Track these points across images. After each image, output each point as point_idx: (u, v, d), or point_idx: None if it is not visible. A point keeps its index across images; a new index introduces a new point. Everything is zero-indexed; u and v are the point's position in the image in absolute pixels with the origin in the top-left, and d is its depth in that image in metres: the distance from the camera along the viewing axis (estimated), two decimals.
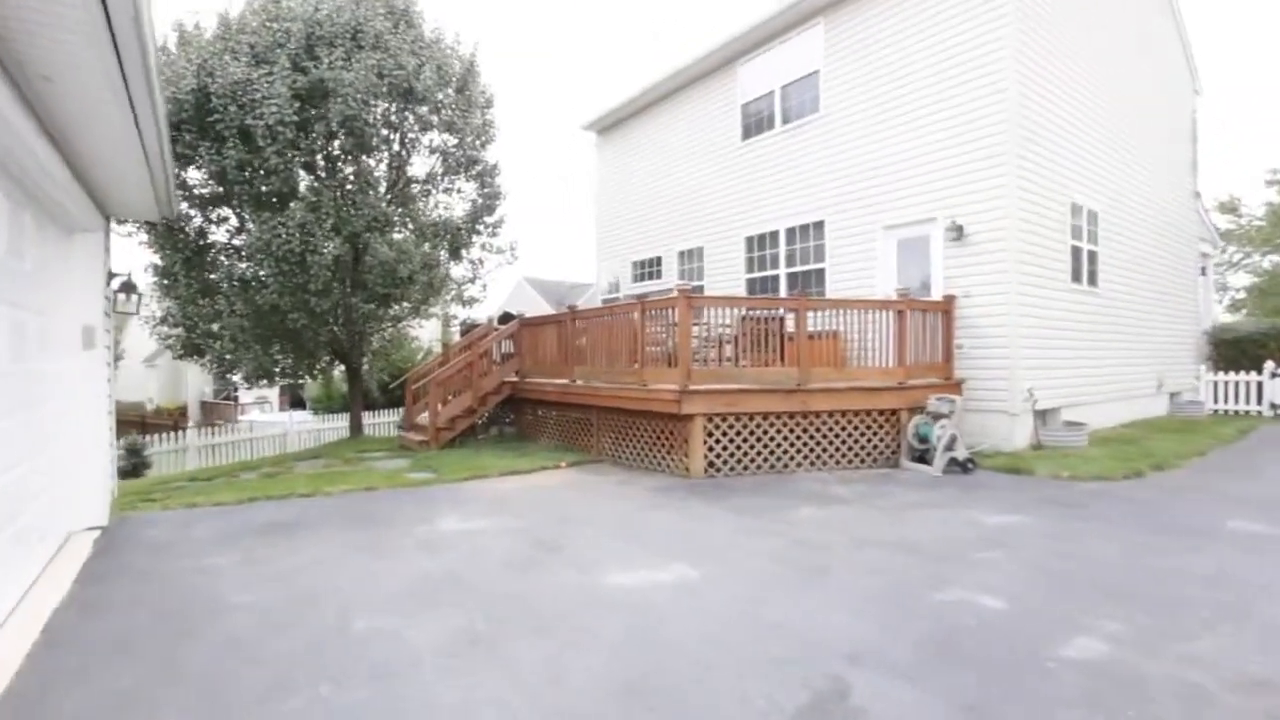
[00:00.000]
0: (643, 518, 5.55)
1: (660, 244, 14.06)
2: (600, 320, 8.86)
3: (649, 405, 7.59)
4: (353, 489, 6.73)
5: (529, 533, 5.05)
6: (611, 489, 6.81)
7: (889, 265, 9.67)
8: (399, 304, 10.93)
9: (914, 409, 7.98)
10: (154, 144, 4.36)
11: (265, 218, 8.99)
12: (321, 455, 10.26)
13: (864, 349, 7.87)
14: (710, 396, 7.19)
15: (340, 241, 9.36)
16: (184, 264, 9.62)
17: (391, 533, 5.07)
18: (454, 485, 7.09)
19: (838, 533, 4.95)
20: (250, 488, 6.99)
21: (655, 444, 7.80)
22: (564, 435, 9.66)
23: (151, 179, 5.02)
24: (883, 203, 9.64)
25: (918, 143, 9.12)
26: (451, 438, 10.03)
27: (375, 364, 12.29)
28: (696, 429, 7.18)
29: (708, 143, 12.76)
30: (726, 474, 7.29)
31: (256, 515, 5.67)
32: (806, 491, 6.47)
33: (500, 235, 12.05)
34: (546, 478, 7.50)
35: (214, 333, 10.27)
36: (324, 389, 19.08)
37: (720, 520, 5.42)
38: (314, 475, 7.85)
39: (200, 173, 9.94)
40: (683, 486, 6.81)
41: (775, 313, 8.08)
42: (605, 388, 8.36)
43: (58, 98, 3.51)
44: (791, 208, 11.04)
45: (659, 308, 7.80)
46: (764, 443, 7.46)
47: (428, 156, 11.16)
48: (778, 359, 7.67)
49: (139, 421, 27.49)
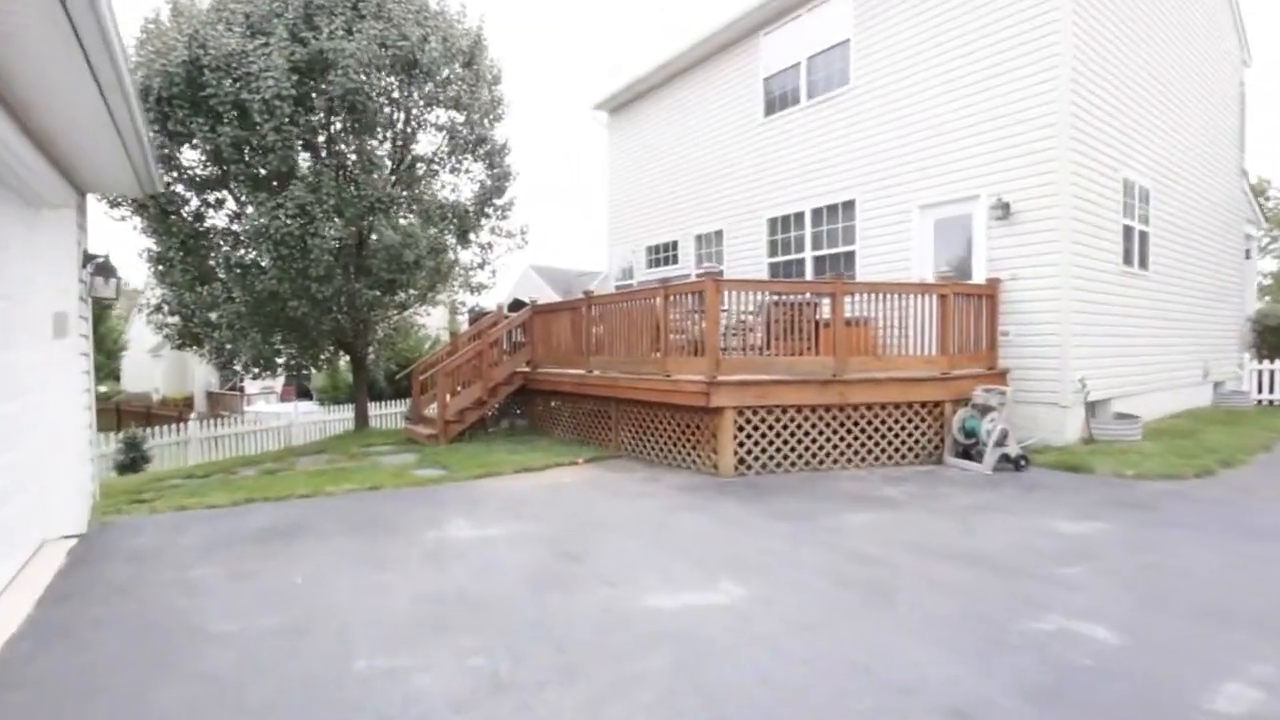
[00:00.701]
0: (673, 523, 5.04)
1: (676, 227, 13.47)
2: (618, 307, 8.32)
3: (673, 397, 7.07)
4: (357, 488, 6.26)
5: (550, 540, 4.55)
6: (635, 488, 6.30)
7: (925, 247, 9.06)
8: (405, 291, 10.42)
9: (958, 401, 7.42)
10: (121, 109, 3.84)
11: (263, 199, 8.47)
12: (325, 449, 9.81)
13: (904, 336, 7.29)
14: (741, 388, 6.66)
15: (342, 224, 8.84)
16: (179, 248, 9.13)
17: (398, 541, 4.58)
18: (465, 484, 6.60)
19: (895, 543, 4.43)
20: (247, 487, 6.53)
21: (680, 439, 7.28)
22: (579, 428, 9.16)
23: (125, 148, 4.50)
24: (919, 180, 9.02)
25: (960, 116, 8.47)
26: (461, 431, 9.55)
27: (381, 354, 11.81)
28: (726, 423, 6.65)
29: (727, 120, 12.12)
30: (758, 471, 6.77)
31: (252, 520, 5.19)
32: (849, 492, 5.94)
33: (510, 218, 11.51)
34: (563, 475, 7.00)
35: (212, 321, 9.81)
36: (329, 379, 18.66)
37: (760, 527, 4.90)
38: (316, 472, 7.38)
39: (195, 153, 9.43)
40: (712, 486, 6.29)
41: (807, 297, 7.50)
42: (624, 378, 7.84)
43: (6, 58, 3.01)
44: (818, 187, 10.43)
45: (683, 292, 7.25)
46: (798, 438, 6.92)
47: (434, 135, 10.61)
48: (809, 347, 7.12)
49: (144, 412, 27.28)
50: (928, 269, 8.99)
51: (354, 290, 9.33)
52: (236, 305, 9.36)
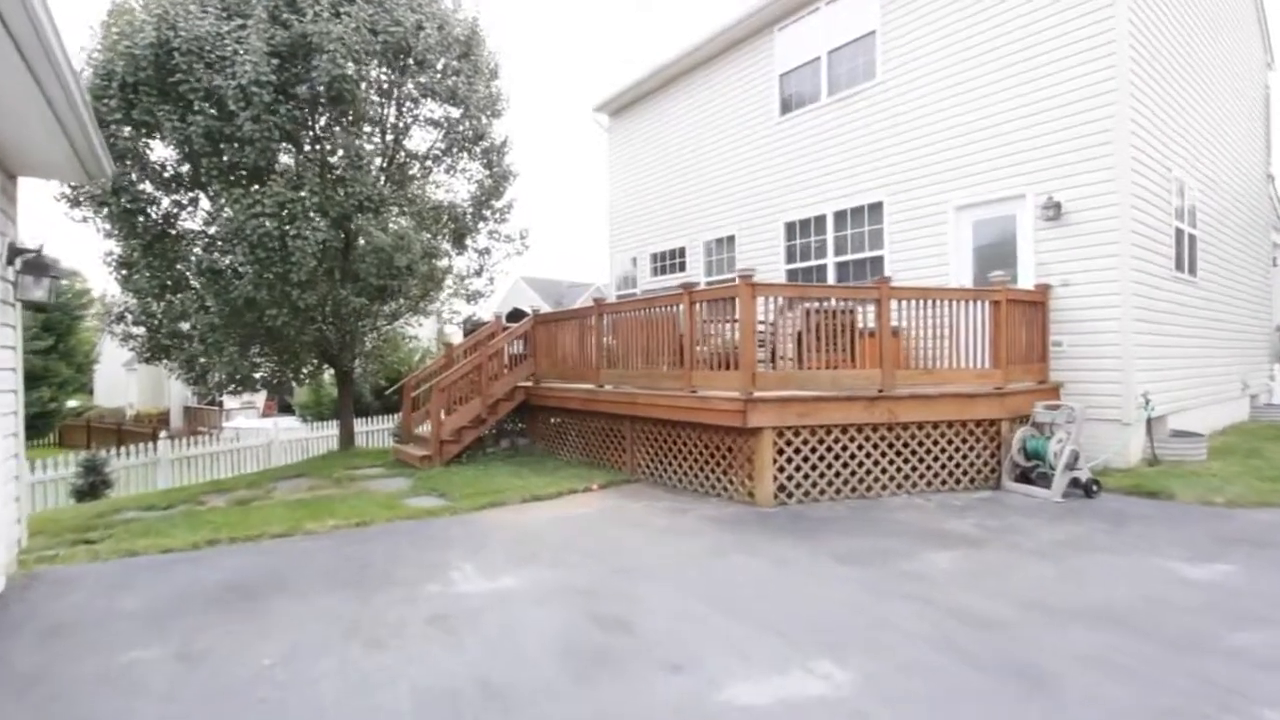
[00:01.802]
0: (724, 569, 4.24)
1: (683, 233, 12.75)
2: (634, 316, 7.54)
3: (700, 416, 6.29)
4: (342, 524, 5.39)
5: (581, 595, 3.73)
6: (662, 521, 5.49)
7: (963, 251, 8.39)
8: (396, 299, 9.57)
9: (1014, 419, 6.71)
10: (47, 73, 3.05)
11: (238, 196, 7.60)
12: (307, 472, 8.89)
13: (956, 348, 6.58)
14: (781, 406, 5.89)
15: (328, 225, 8.00)
16: (144, 251, 8.22)
17: (394, 598, 3.73)
18: (467, 517, 5.75)
19: (1001, 595, 3.65)
20: (214, 522, 5.63)
21: (707, 462, 6.49)
22: (588, 449, 8.34)
23: (61, 126, 3.69)
24: (955, 180, 8.37)
25: (1002, 109, 7.84)
26: (458, 452, 8.68)
27: (369, 367, 10.91)
28: (764, 445, 5.87)
29: (740, 119, 11.46)
30: (800, 500, 5.99)
31: (215, 569, 4.31)
32: (912, 526, 5.17)
33: (509, 221, 10.72)
34: (577, 504, 6.18)
35: (183, 332, 8.89)
36: (313, 394, 17.64)
37: (828, 573, 4.12)
38: (295, 503, 6.49)
39: (166, 147, 8.57)
40: (751, 518, 5.50)
41: (846, 304, 6.76)
42: (642, 394, 7.05)
43: None
44: (841, 188, 9.76)
45: (712, 299, 6.49)
46: (843, 461, 6.16)
47: (428, 131, 9.81)
48: (846, 359, 6.37)
49: (116, 429, 26.01)
50: (966, 274, 8.33)
51: (340, 298, 8.47)
52: (210, 315, 8.45)
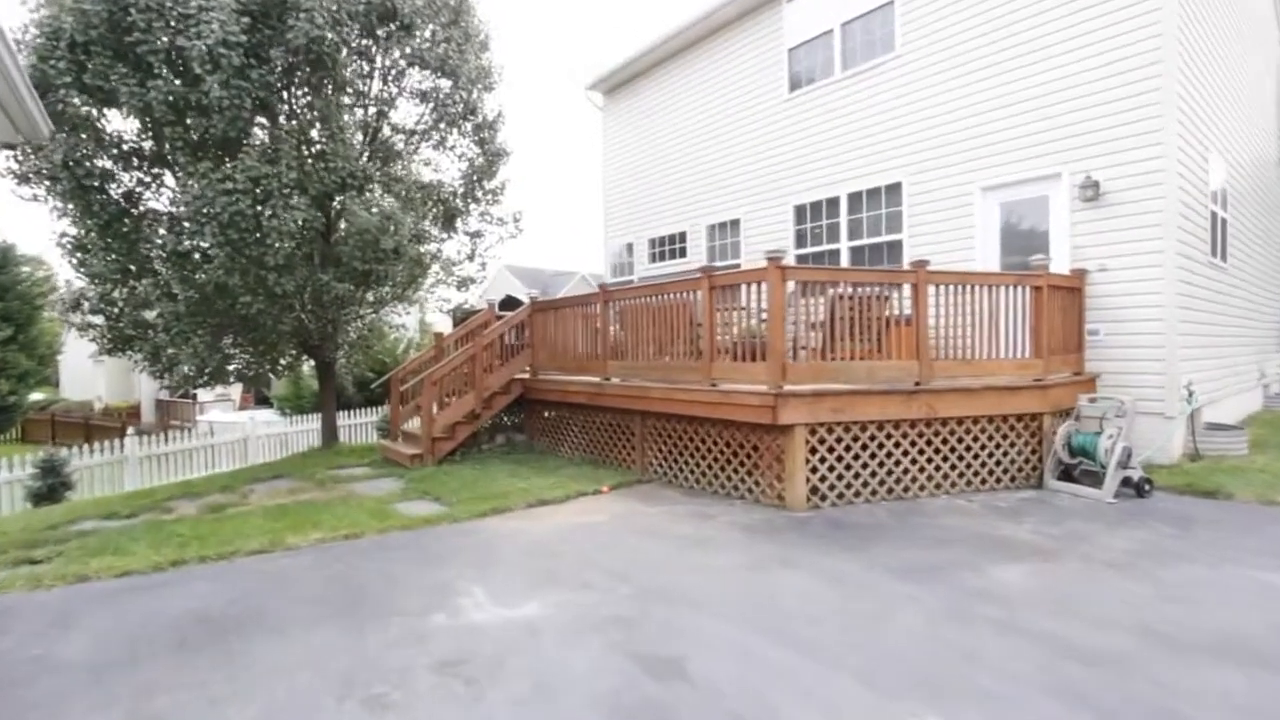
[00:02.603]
0: (772, 590, 3.72)
1: (684, 217, 12.17)
2: (644, 302, 6.97)
3: (722, 412, 5.76)
4: (328, 537, 4.78)
5: (616, 626, 3.18)
6: (688, 529, 4.96)
7: (990, 234, 7.92)
8: (381, 285, 8.88)
9: (1056, 413, 6.28)
10: None
11: (205, 170, 6.86)
12: (287, 472, 8.21)
13: (995, 337, 6.11)
14: (814, 401, 5.37)
15: (307, 204, 7.29)
16: (101, 232, 7.45)
17: (393, 636, 3.16)
18: (469, 526, 5.17)
19: (1099, 621, 3.17)
20: (182, 534, 4.99)
21: (729, 461, 5.97)
22: (593, 446, 7.78)
23: None
24: (982, 159, 7.88)
25: (1037, 82, 7.35)
26: (451, 449, 8.08)
27: (353, 358, 10.21)
28: (796, 443, 5.36)
29: (745, 97, 10.87)
30: (834, 503, 5.49)
31: (179, 598, 3.70)
32: (965, 532, 4.70)
33: (502, 203, 10.05)
34: (590, 509, 5.62)
35: (147, 322, 8.14)
36: (291, 386, 16.81)
37: (888, 591, 3.61)
38: (275, 509, 5.85)
39: (126, 118, 7.78)
40: (786, 524, 4.99)
41: (876, 290, 6.23)
42: (656, 388, 6.50)
43: None
44: (856, 169, 9.24)
45: (735, 284, 5.94)
46: (879, 460, 5.67)
47: (415, 104, 9.10)
48: (877, 349, 5.86)
49: (83, 424, 24.91)
50: (993, 259, 7.86)
51: (321, 283, 7.77)
52: (176, 302, 7.72)
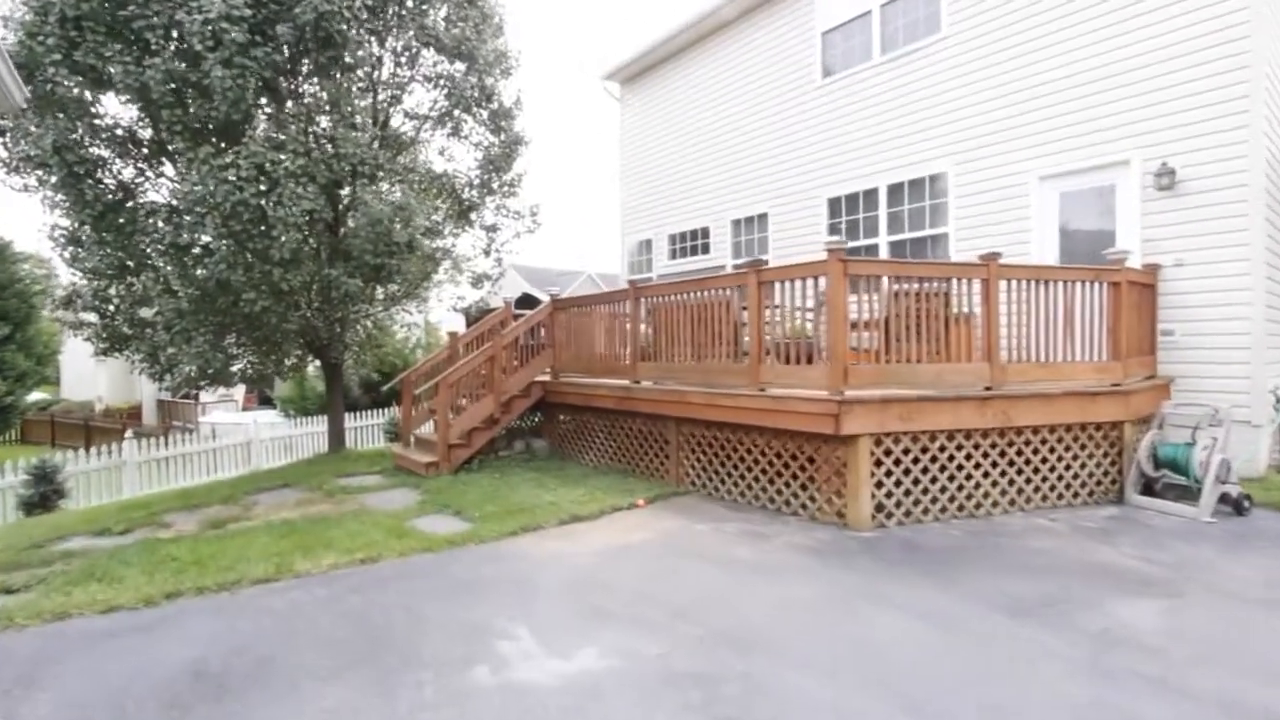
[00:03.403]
0: (862, 630, 3.18)
1: (707, 212, 11.63)
2: (681, 300, 6.43)
3: (773, 419, 5.22)
4: (342, 562, 4.25)
5: (694, 684, 2.65)
6: (745, 552, 4.42)
7: (1048, 227, 7.38)
8: (392, 281, 8.35)
9: (1136, 421, 5.73)
10: None
11: (206, 156, 6.34)
12: (293, 481, 7.70)
13: (1070, 337, 5.56)
14: (881, 408, 4.83)
15: (315, 192, 6.77)
16: (95, 223, 6.94)
17: (427, 694, 2.63)
18: (499, 547, 4.64)
19: (1274, 674, 2.64)
20: (179, 558, 4.46)
21: (779, 474, 5.42)
22: (620, 454, 7.25)
23: None
24: (1038, 145, 7.33)
25: (1102, 61, 6.81)
26: (468, 457, 7.55)
27: (362, 358, 9.68)
28: (861, 456, 4.82)
29: (773, 85, 10.33)
30: (901, 521, 4.95)
31: (172, 642, 3.17)
32: (1060, 558, 4.16)
33: (519, 195, 9.53)
34: (629, 526, 5.09)
35: (145, 320, 7.63)
36: (296, 389, 16.33)
37: (1001, 634, 3.07)
38: (281, 526, 5.33)
39: (123, 104, 7.29)
40: (854, 547, 4.45)
41: (936, 285, 5.66)
42: (695, 392, 5.96)
43: None
44: (896, 158, 8.70)
45: (788, 279, 5.40)
46: (949, 474, 5.13)
47: (429, 90, 8.57)
48: (937, 350, 5.28)
49: (82, 425, 24.47)
50: (1050, 254, 7.32)
51: (330, 279, 7.25)
52: (176, 299, 7.21)
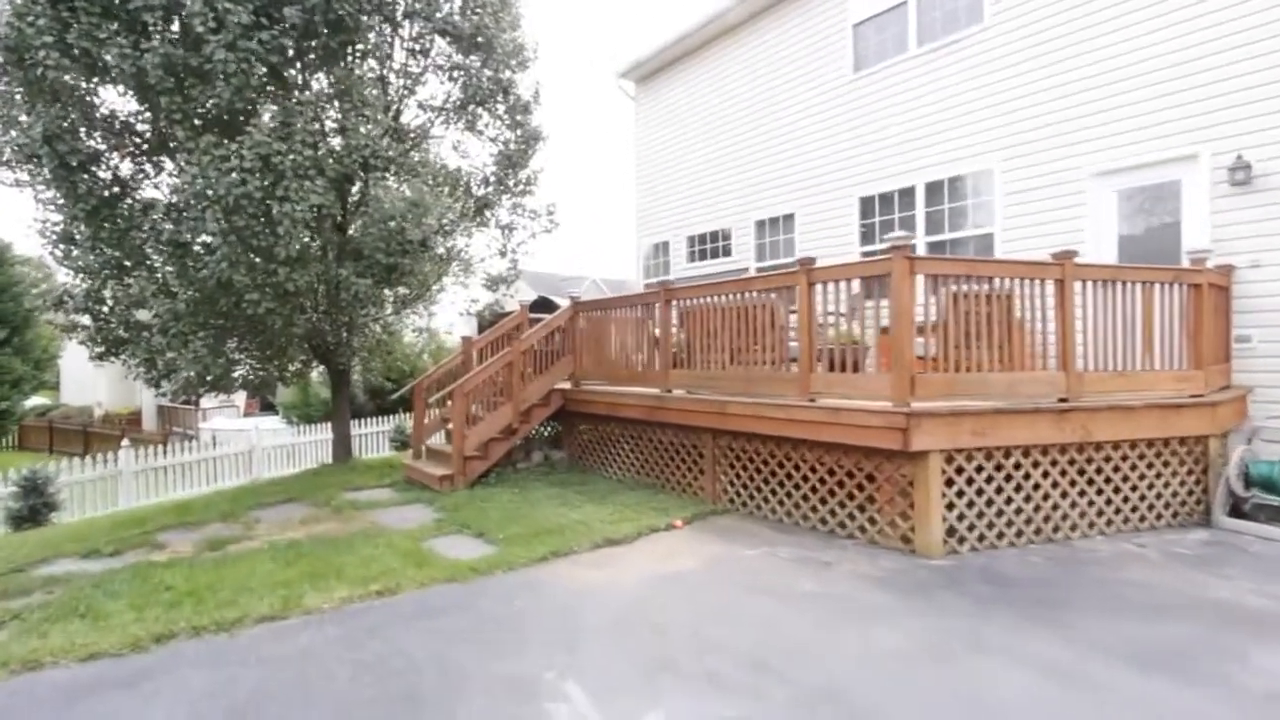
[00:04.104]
0: (975, 687, 2.69)
1: (728, 213, 11.18)
2: (718, 303, 5.95)
3: (829, 433, 4.74)
4: (357, 595, 3.77)
5: None
6: (809, 585, 3.94)
7: (1104, 226, 6.92)
8: (404, 282, 7.89)
9: (1221, 435, 5.25)
10: None
11: (207, 145, 5.89)
12: (298, 495, 7.22)
13: (1149, 343, 5.09)
14: (951, 421, 4.36)
15: (324, 186, 6.31)
16: (88, 218, 6.49)
17: None
18: (530, 575, 4.16)
19: None
20: (172, 590, 3.98)
21: (834, 493, 4.94)
22: (649, 467, 6.77)
23: None
24: (1094, 139, 6.88)
25: (1167, 49, 6.36)
26: (485, 470, 7.09)
27: (370, 364, 9.22)
28: (931, 474, 4.34)
29: (801, 80, 9.90)
30: (974, 546, 4.47)
31: (159, 704, 2.69)
32: (1165, 592, 3.67)
33: (535, 193, 9.08)
34: (671, 551, 4.61)
35: (140, 322, 7.17)
36: (299, 394, 15.86)
37: (1149, 698, 2.59)
38: (287, 550, 4.85)
39: (121, 94, 6.87)
40: (931, 578, 3.97)
41: (1000, 285, 5.18)
42: (735, 403, 5.49)
43: None
44: (935, 155, 8.25)
45: (844, 278, 4.93)
46: (1024, 494, 4.65)
47: (443, 82, 8.14)
48: (1001, 357, 4.79)
49: (81, 431, 24.02)
50: (1108, 254, 6.84)
51: (339, 279, 6.79)
52: (174, 300, 6.76)
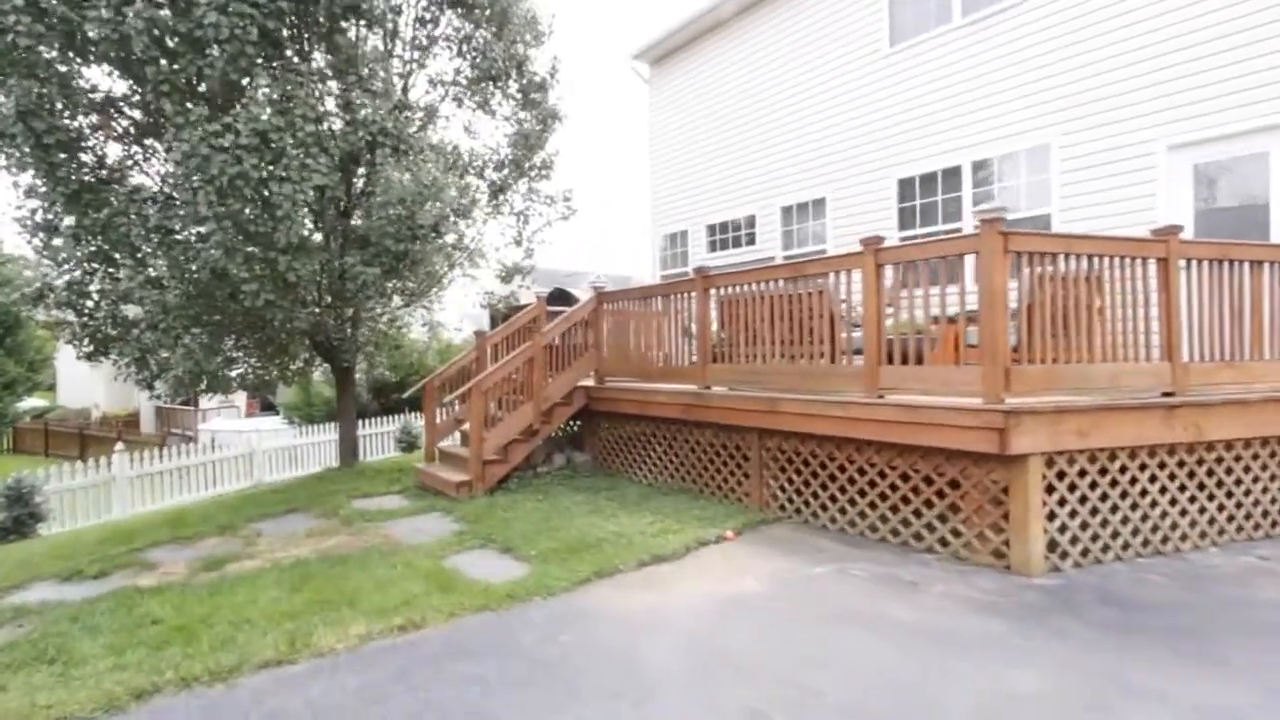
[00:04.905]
0: None
1: (753, 199, 10.60)
2: (761, 291, 5.37)
3: (904, 434, 4.18)
4: (376, 630, 3.20)
5: None
6: (902, 611, 3.38)
7: (1179, 204, 6.35)
8: (414, 272, 7.30)
9: None
10: None
11: (199, 118, 5.30)
12: (302, 504, 6.67)
13: (1258, 330, 4.52)
14: (1053, 420, 3.79)
15: (329, 166, 5.73)
16: (67, 204, 5.91)
17: None
18: (573, 601, 3.60)
19: None
20: (160, 624, 3.41)
21: (908, 500, 4.37)
22: (684, 470, 6.20)
23: None
24: (1167, 109, 6.31)
25: (1251, 5, 5.79)
26: (505, 474, 6.54)
27: (376, 360, 8.65)
28: (1031, 480, 3.77)
29: (832, 56, 9.31)
30: (1078, 562, 3.91)
31: None
32: None
33: (550, 178, 8.50)
34: (729, 569, 4.05)
35: (126, 319, 6.61)
36: (301, 393, 15.28)
37: None
38: (293, 570, 4.29)
39: (106, 75, 6.29)
40: (1040, 600, 3.41)
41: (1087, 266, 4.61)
42: (789, 399, 4.92)
43: None
44: (983, 131, 7.67)
45: (920, 258, 4.36)
46: (1130, 500, 4.09)
47: (453, 58, 7.55)
48: (1084, 348, 4.21)
49: (78, 434, 23.48)
50: (1184, 234, 6.28)
51: (344, 268, 6.22)
52: (164, 292, 6.18)
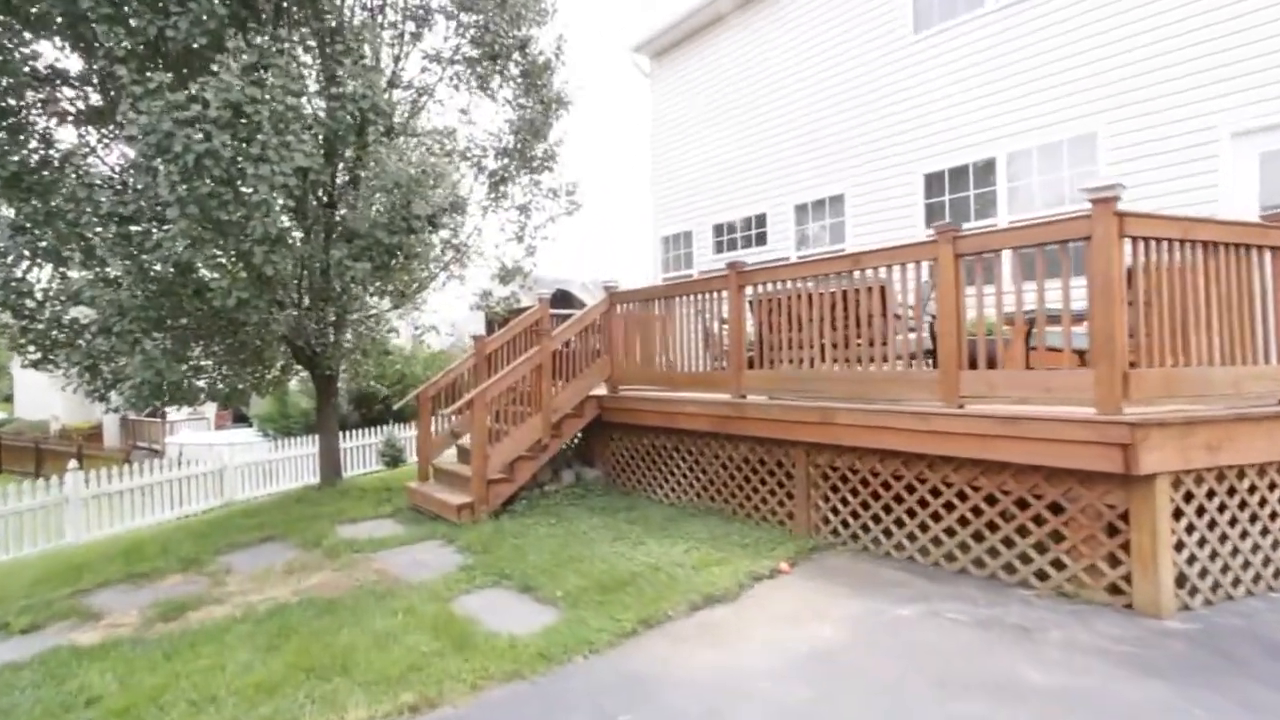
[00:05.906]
0: None
1: (763, 196, 10.05)
2: (805, 288, 4.76)
3: (994, 449, 3.58)
4: (378, 717, 2.49)
5: None
6: (1030, 670, 2.75)
7: (1244, 195, 5.89)
8: (406, 269, 6.58)
9: None
10: None
11: (160, 86, 4.56)
12: (280, 530, 5.89)
13: None
14: (1182, 433, 3.21)
15: (312, 146, 5.01)
16: (6, 187, 5.10)
17: None
18: (620, 661, 2.92)
19: None
20: (96, 702, 2.66)
21: (996, 526, 3.76)
22: (712, 489, 5.54)
23: None
24: (1230, 94, 5.87)
25: None
26: (511, 495, 5.83)
27: (361, 368, 7.89)
28: (1158, 504, 3.18)
29: (850, 46, 8.81)
30: (1208, 599, 3.32)
31: None
32: None
33: (554, 170, 7.85)
34: (792, 611, 3.40)
35: (78, 323, 5.80)
36: (276, 404, 14.32)
37: None
38: (269, 623, 3.54)
39: (57, 49, 5.54)
40: (1192, 652, 2.81)
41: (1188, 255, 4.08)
42: (845, 410, 4.30)
43: None
44: (1020, 121, 7.19)
45: (1009, 246, 3.77)
46: (1259, 526, 3.53)
47: (447, 37, 6.88)
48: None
49: (34, 448, 22.10)
50: None
51: (329, 262, 5.49)
52: (120, 292, 5.40)
